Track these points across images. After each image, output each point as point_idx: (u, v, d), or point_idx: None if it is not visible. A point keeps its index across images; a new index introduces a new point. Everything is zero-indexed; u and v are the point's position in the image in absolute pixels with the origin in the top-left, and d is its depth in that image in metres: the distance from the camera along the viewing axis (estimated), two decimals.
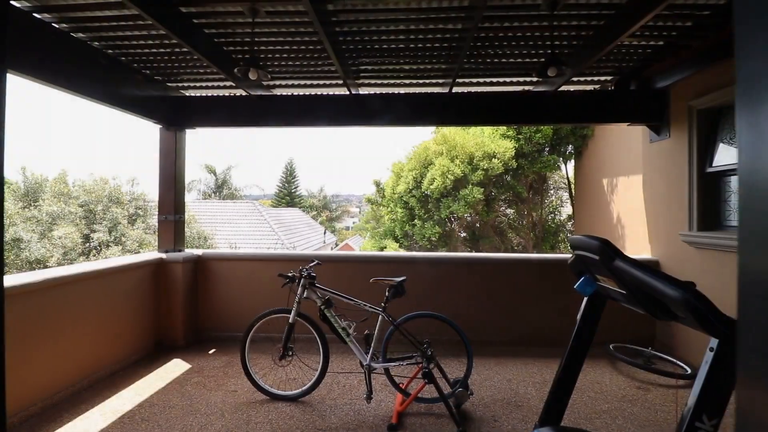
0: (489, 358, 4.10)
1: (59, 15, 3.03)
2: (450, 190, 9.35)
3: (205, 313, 4.70)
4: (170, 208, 4.56)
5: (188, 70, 4.17)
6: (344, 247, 28.30)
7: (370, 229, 16.44)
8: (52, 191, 12.06)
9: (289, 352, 3.19)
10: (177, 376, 3.66)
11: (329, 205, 39.06)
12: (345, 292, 3.21)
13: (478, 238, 10.73)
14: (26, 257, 9.56)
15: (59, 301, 3.15)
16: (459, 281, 4.57)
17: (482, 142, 9.13)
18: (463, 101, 4.54)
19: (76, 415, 2.94)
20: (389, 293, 2.99)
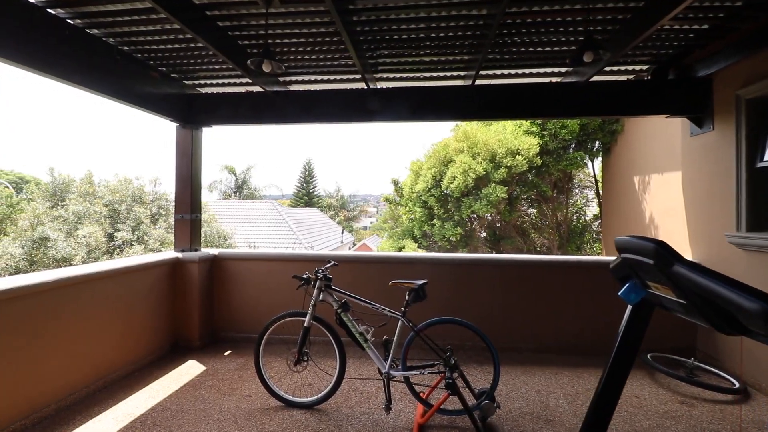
0: (515, 367, 3.86)
1: (73, 10, 2.97)
2: (471, 189, 9.09)
3: (221, 313, 4.63)
4: (186, 206, 4.50)
5: (204, 67, 4.09)
6: (362, 247, 28.24)
7: (387, 229, 16.28)
8: (78, 191, 12.36)
9: (304, 357, 3.04)
10: (191, 379, 3.58)
11: (347, 204, 39.13)
12: (362, 294, 3.05)
13: (500, 238, 10.41)
14: (53, 255, 9.81)
15: (74, 300, 3.10)
16: (482, 284, 4.34)
17: (505, 138, 8.82)
18: (487, 94, 4.31)
19: (89, 417, 2.88)
20: (409, 297, 2.80)
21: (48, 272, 3.00)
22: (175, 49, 3.70)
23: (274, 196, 35.10)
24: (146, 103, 3.94)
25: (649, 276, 1.72)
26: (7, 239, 10.39)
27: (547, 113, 4.60)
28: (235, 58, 3.55)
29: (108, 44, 3.49)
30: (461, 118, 4.50)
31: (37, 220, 10.63)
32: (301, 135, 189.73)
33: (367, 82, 4.21)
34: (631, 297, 1.95)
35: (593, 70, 3.77)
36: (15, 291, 2.60)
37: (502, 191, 8.73)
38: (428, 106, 4.33)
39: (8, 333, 2.60)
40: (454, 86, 4.35)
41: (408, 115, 4.34)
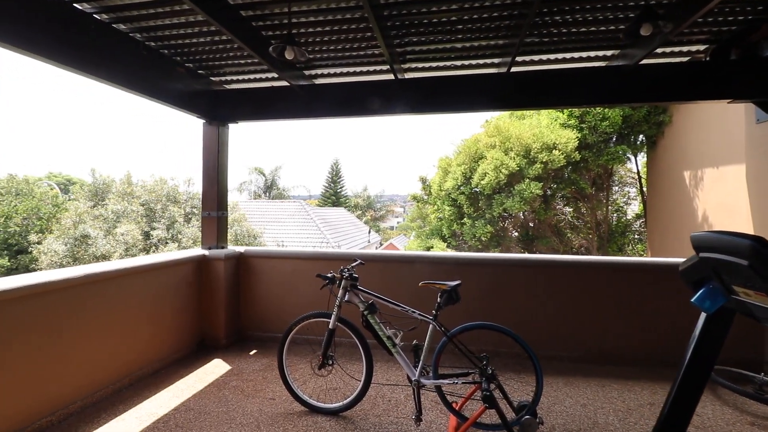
0: (556, 377, 3.55)
1: (99, 4, 2.94)
2: (503, 186, 8.69)
3: (247, 312, 4.57)
4: (213, 204, 4.47)
5: (230, 62, 4.03)
6: (388, 247, 28.09)
7: (415, 229, 16.01)
8: (117, 191, 12.87)
9: (329, 360, 2.88)
10: (216, 379, 3.50)
11: (374, 204, 39.11)
12: (390, 295, 2.85)
13: (534, 238, 9.93)
14: (93, 252, 10.23)
15: (100, 297, 3.09)
16: (519, 286, 4.04)
17: (540, 132, 8.38)
18: (524, 81, 4.00)
19: (114, 416, 2.85)
20: (441, 299, 2.58)
21: (73, 269, 2.99)
22: (200, 43, 3.64)
23: (302, 196, 35.60)
24: (173, 99, 3.92)
25: (738, 279, 1.43)
26: (51, 237, 10.94)
27: (591, 101, 4.22)
28: (260, 51, 3.44)
29: (135, 40, 3.47)
30: (495, 108, 4.21)
31: (79, 219, 11.13)
32: (328, 135, 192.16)
33: (395, 72, 4.01)
34: (708, 304, 1.65)
35: (644, 51, 3.41)
36: (41, 287, 2.59)
37: (537, 188, 8.28)
38: (460, 96, 4.08)
39: (35, 329, 2.59)
40: (488, 74, 4.07)
41: (438, 107, 4.10)
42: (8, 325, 2.44)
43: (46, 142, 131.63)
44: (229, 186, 4.77)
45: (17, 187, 14.31)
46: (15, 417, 2.47)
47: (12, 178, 14.84)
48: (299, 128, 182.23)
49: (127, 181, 13.95)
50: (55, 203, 14.42)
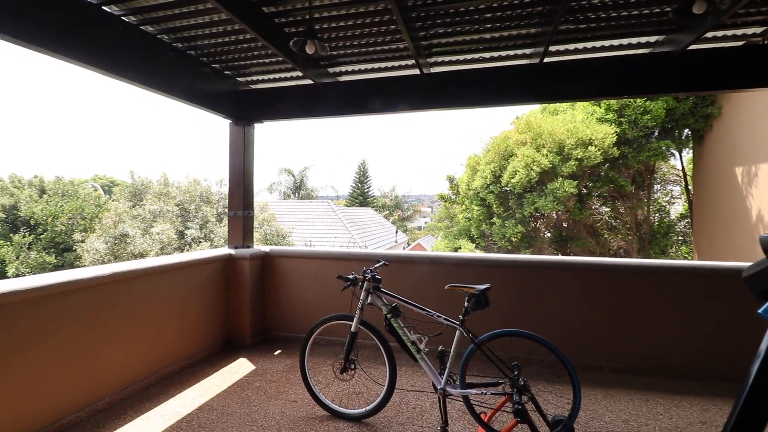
0: (593, 388, 3.30)
1: (126, 6, 2.99)
2: (535, 184, 8.34)
3: (272, 311, 4.56)
4: (239, 203, 4.49)
5: (254, 61, 4.03)
6: (416, 247, 27.88)
7: (443, 229, 15.74)
8: (154, 192, 13.39)
9: (351, 365, 2.78)
10: (240, 378, 3.49)
11: (401, 204, 38.96)
12: (415, 298, 2.72)
13: (567, 239, 9.47)
14: (131, 251, 10.68)
15: (129, 295, 3.14)
16: (553, 290, 3.80)
17: (575, 127, 7.96)
18: (558, 72, 3.76)
19: (139, 413, 2.87)
20: (469, 304, 2.42)
21: (102, 267, 3.05)
22: (226, 43, 3.65)
23: (329, 196, 35.99)
24: (200, 99, 3.96)
25: None
26: (93, 236, 11.52)
27: (632, 91, 3.91)
28: (284, 48, 3.40)
29: (162, 42, 3.52)
30: (527, 102, 3.99)
31: (118, 219, 11.66)
32: (356, 134, 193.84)
33: (420, 67, 3.87)
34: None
35: (693, 35, 3.11)
36: (71, 284, 2.64)
37: (571, 186, 7.87)
38: (489, 89, 3.89)
39: (65, 326, 2.65)
40: (519, 66, 3.86)
41: (466, 101, 3.93)
42: (39, 322, 2.49)
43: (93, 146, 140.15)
44: (259, 186, 4.82)
45: (63, 189, 15.24)
46: (45, 412, 2.52)
47: (59, 180, 15.83)
48: (327, 128, 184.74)
49: (163, 182, 14.52)
50: (97, 204, 15.22)
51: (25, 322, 2.40)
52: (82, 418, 2.73)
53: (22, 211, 14.65)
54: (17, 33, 2.38)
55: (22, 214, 14.68)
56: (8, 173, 18.59)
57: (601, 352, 3.67)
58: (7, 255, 12.90)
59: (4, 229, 14.46)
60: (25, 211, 14.48)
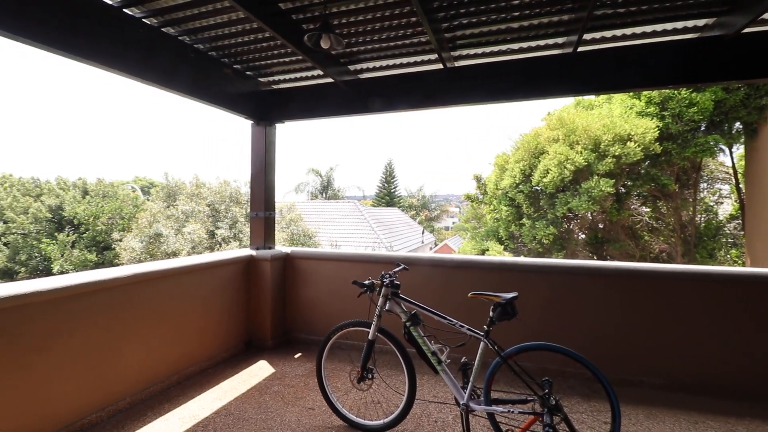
0: (635, 407, 3.01)
1: (147, 8, 2.99)
2: (568, 183, 7.91)
3: (293, 313, 4.51)
4: (261, 204, 4.48)
5: (275, 60, 3.98)
6: (443, 248, 27.49)
7: (470, 230, 15.36)
8: (187, 192, 13.82)
9: (368, 374, 2.65)
10: (259, 382, 3.45)
11: (428, 204, 38.58)
12: (436, 305, 2.56)
13: (604, 241, 8.94)
14: (164, 250, 11.05)
15: (150, 296, 3.15)
16: (587, 298, 3.52)
17: (612, 122, 7.49)
18: (593, 62, 3.48)
19: (158, 415, 2.87)
20: (494, 314, 2.23)
21: (122, 268, 3.07)
22: (245, 42, 3.61)
23: (356, 197, 36.08)
24: (221, 101, 3.96)
25: None
26: (130, 235, 12.02)
27: (677, 80, 3.55)
28: (303, 46, 3.32)
29: (184, 43, 3.53)
30: (559, 94, 3.71)
31: (153, 219, 12.11)
32: (381, 134, 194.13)
33: (443, 61, 3.70)
34: None
35: (748, 16, 2.78)
36: (91, 285, 2.66)
37: (608, 185, 7.40)
38: (518, 82, 3.66)
39: (86, 326, 2.67)
40: (551, 56, 3.60)
41: (493, 96, 3.72)
42: (60, 323, 2.52)
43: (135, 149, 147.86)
44: (287, 187, 4.78)
45: (104, 190, 16.05)
46: (67, 412, 2.55)
47: (100, 181, 16.71)
48: (354, 127, 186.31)
49: (195, 183, 14.98)
50: (135, 204, 15.90)
51: (46, 323, 2.42)
52: (103, 418, 2.75)
53: (66, 211, 15.55)
54: (42, 38, 2.42)
55: (66, 214, 15.58)
56: (55, 176, 19.84)
57: (641, 367, 3.36)
58: (53, 253, 13.73)
59: (50, 228, 15.41)
60: (69, 211, 15.36)
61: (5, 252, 14.93)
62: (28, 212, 15.46)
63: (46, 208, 15.80)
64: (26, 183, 18.02)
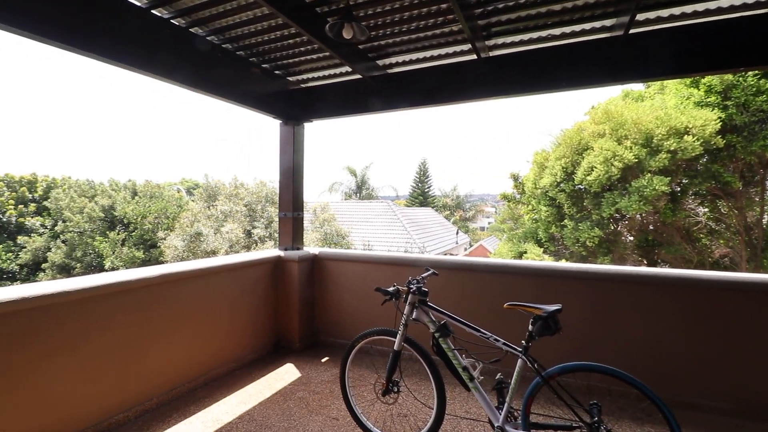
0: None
1: (174, 9, 2.99)
2: (616, 182, 7.31)
3: (321, 316, 4.42)
4: (289, 204, 4.42)
5: (302, 58, 3.90)
6: (478, 249, 26.79)
7: (506, 231, 14.76)
8: (226, 193, 14.27)
9: (394, 387, 2.48)
10: (284, 386, 3.37)
11: (462, 204, 37.80)
12: (468, 315, 2.35)
13: (656, 245, 8.21)
14: (204, 248, 11.43)
15: (178, 296, 3.16)
16: (638, 309, 3.15)
17: (666, 114, 6.83)
18: (647, 45, 3.10)
19: (183, 417, 2.85)
20: (534, 327, 1.99)
21: (151, 268, 3.08)
22: (272, 40, 3.55)
23: (389, 197, 36.03)
24: (250, 100, 3.94)
25: None
26: (173, 234, 12.55)
27: (749, 62, 3.09)
28: (330, 42, 3.21)
29: (212, 43, 3.51)
30: (608, 82, 3.34)
31: (194, 218, 12.58)
32: (415, 132, 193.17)
33: (477, 51, 3.45)
34: None
35: None
36: (119, 285, 2.68)
37: (662, 183, 6.76)
38: (561, 71, 3.35)
39: (115, 326, 2.69)
40: (598, 40, 3.26)
41: (533, 87, 3.43)
42: (89, 323, 2.55)
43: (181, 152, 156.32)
44: (321, 187, 4.72)
45: (151, 191, 16.95)
46: (96, 411, 2.57)
47: (148, 183, 17.69)
48: (388, 126, 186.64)
49: (234, 184, 15.46)
50: (179, 204, 16.65)
51: (75, 322, 2.45)
52: (130, 418, 2.76)
53: (117, 211, 16.57)
54: (68, 40, 2.44)
55: (117, 214, 16.60)
56: (108, 177, 21.26)
57: (705, 389, 2.95)
58: (105, 250, 14.65)
59: (103, 226, 16.49)
60: (120, 211, 16.35)
61: (63, 249, 16.16)
62: (84, 212, 16.63)
63: (99, 208, 16.92)
64: (82, 185, 19.42)
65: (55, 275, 15.75)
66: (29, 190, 21.62)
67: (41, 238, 18.16)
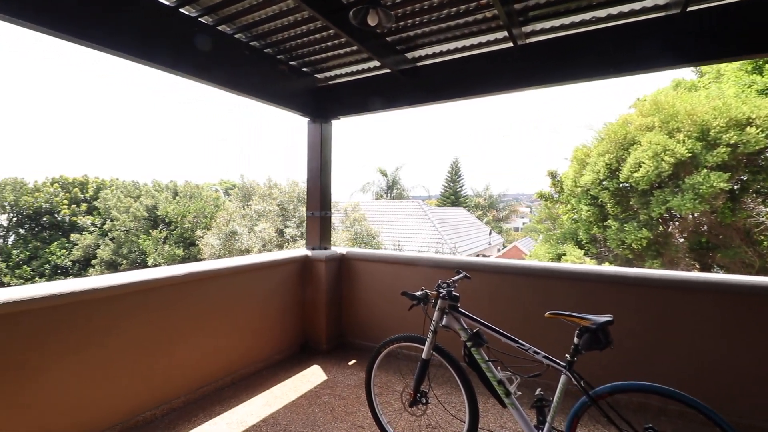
0: None
1: (201, 6, 2.97)
2: (667, 178, 6.73)
3: (349, 317, 4.32)
4: (316, 204, 4.36)
5: (329, 54, 3.81)
6: (512, 250, 25.95)
7: (543, 231, 14.12)
8: (260, 193, 14.59)
9: (422, 398, 2.31)
10: (310, 389, 3.29)
11: (496, 204, 36.81)
12: (503, 323, 2.14)
13: (712, 247, 7.50)
14: (238, 247, 11.71)
15: (204, 294, 3.15)
16: (699, 321, 2.81)
17: (725, 104, 6.21)
18: (710, 23, 2.75)
19: (208, 417, 2.82)
20: (581, 340, 1.76)
21: (177, 267, 3.09)
22: (298, 35, 3.48)
23: (421, 196, 35.66)
24: (277, 98, 3.90)
25: None
26: (210, 233, 12.97)
27: None
28: (357, 35, 3.10)
29: (239, 41, 3.49)
30: (662, 66, 2.99)
31: (230, 218, 12.93)
32: (447, 130, 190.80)
33: (514, 38, 3.20)
34: None
35: None
36: (145, 284, 2.68)
37: (721, 180, 6.14)
38: (606, 55, 3.05)
39: (142, 323, 2.70)
40: (650, 20, 2.94)
41: (575, 74, 3.15)
42: (115, 320, 2.56)
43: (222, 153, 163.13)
44: (354, 187, 4.64)
45: (191, 191, 17.67)
46: (123, 408, 2.58)
47: (188, 183, 18.47)
48: (418, 125, 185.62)
49: (268, 183, 15.79)
50: (216, 204, 17.22)
51: (101, 319, 2.46)
52: (157, 416, 2.77)
53: (159, 211, 17.38)
54: (99, 40, 2.45)
55: (159, 213, 17.42)
56: (151, 179, 22.40)
57: None
58: (148, 247, 15.40)
59: (146, 225, 17.37)
60: (162, 211, 17.15)
61: (111, 246, 17.16)
62: (129, 211, 17.60)
63: (143, 208, 17.84)
64: (128, 186, 20.57)
65: (103, 271, 16.79)
66: (81, 191, 23.17)
67: (91, 236, 19.40)
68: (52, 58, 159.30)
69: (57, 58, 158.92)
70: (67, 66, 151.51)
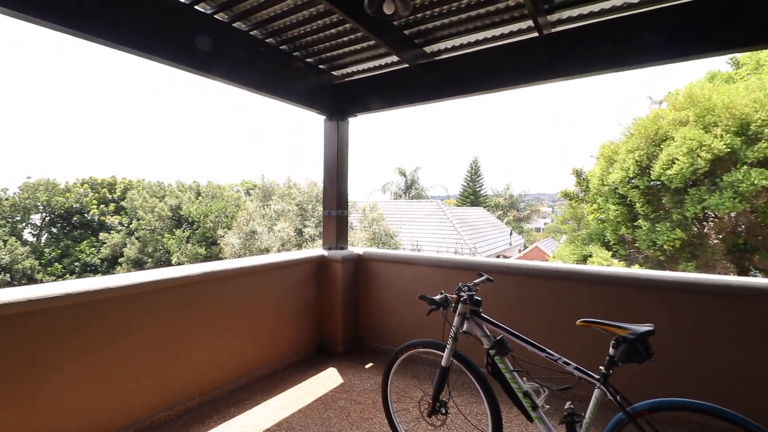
0: None
1: (215, 3, 2.93)
2: (702, 176, 6.34)
3: (365, 319, 4.23)
4: (333, 203, 4.28)
5: (346, 49, 3.72)
6: (533, 251, 25.34)
7: (567, 231, 13.65)
8: (279, 193, 14.71)
9: (441, 408, 2.19)
10: (326, 393, 3.21)
11: (516, 204, 36.07)
12: (529, 330, 1.99)
13: (750, 249, 7.04)
14: (258, 246, 11.82)
15: (220, 294, 3.11)
16: (745, 330, 2.57)
17: (767, 96, 5.80)
18: (755, 5, 2.52)
19: (223, 419, 2.78)
20: (617, 351, 1.60)
21: (192, 266, 3.06)
22: (314, 30, 3.41)
23: (440, 196, 35.33)
24: (293, 96, 3.84)
25: None
26: (231, 232, 13.15)
27: None
28: (374, 29, 3.00)
29: (255, 38, 3.45)
30: (701, 54, 2.76)
31: (250, 217, 13.08)
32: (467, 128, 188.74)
33: (539, 27, 3.03)
34: None
35: None
36: (160, 283, 2.66)
37: (763, 177, 5.73)
38: (640, 42, 2.84)
39: (156, 323, 2.67)
40: (686, 4, 2.71)
41: (609, 63, 2.95)
42: (129, 319, 2.54)
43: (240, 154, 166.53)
44: (373, 186, 4.56)
45: (213, 192, 18.02)
46: (137, 408, 2.56)
47: (210, 184, 18.86)
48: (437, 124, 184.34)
49: (287, 184, 15.92)
50: (237, 204, 17.49)
51: (114, 318, 2.44)
52: (172, 417, 2.74)
53: (183, 210, 17.80)
54: (113, 38, 2.44)
55: (183, 213, 17.84)
56: (176, 179, 23.03)
57: None
58: (172, 246, 15.78)
59: (170, 224, 17.82)
60: (185, 210, 17.55)
61: (137, 245, 17.70)
62: (154, 211, 18.09)
63: (168, 208, 18.31)
64: (153, 186, 21.18)
65: (130, 269, 17.34)
66: (109, 191, 24.01)
67: (119, 234, 20.07)
68: (73, 62, 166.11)
69: (79, 61, 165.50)
70: (90, 69, 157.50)
